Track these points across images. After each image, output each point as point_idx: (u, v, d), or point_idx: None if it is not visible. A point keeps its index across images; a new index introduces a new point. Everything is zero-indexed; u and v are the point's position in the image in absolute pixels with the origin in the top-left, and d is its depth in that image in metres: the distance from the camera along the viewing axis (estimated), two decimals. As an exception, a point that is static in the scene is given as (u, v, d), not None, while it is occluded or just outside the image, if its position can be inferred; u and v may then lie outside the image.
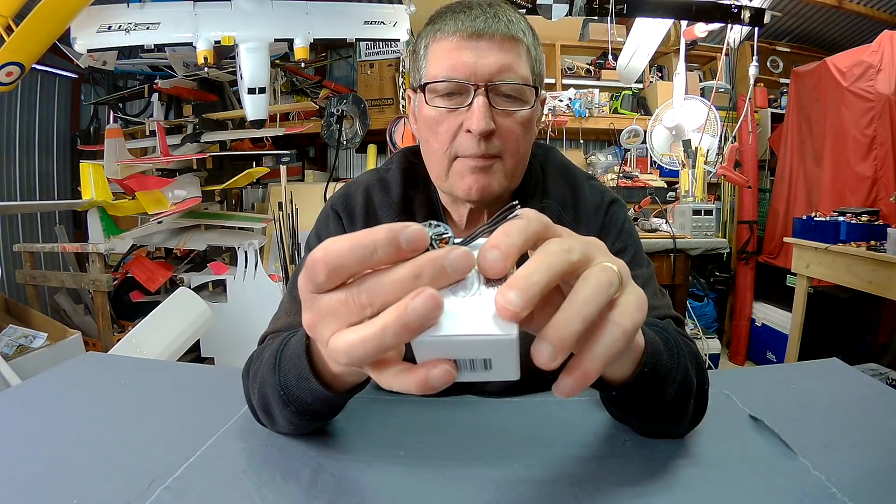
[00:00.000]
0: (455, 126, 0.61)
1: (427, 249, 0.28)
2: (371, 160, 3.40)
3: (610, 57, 2.73)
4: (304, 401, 0.47)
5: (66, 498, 0.44)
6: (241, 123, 2.89)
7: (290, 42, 2.39)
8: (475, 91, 0.59)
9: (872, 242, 2.05)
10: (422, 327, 0.26)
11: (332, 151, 3.12)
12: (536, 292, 0.26)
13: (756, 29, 2.35)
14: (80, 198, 2.39)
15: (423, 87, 0.62)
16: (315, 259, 0.28)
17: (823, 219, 2.33)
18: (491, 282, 0.28)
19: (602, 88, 3.34)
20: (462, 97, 0.60)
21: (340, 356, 0.29)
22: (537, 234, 0.29)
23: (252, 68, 2.26)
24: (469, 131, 0.59)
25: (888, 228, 2.01)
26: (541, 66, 0.65)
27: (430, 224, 0.30)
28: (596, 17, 2.57)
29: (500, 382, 0.68)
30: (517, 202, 0.32)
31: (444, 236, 0.29)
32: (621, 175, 3.00)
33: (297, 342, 0.47)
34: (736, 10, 2.22)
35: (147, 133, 3.15)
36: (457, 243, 0.29)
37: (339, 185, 2.79)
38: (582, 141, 3.27)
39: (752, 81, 2.48)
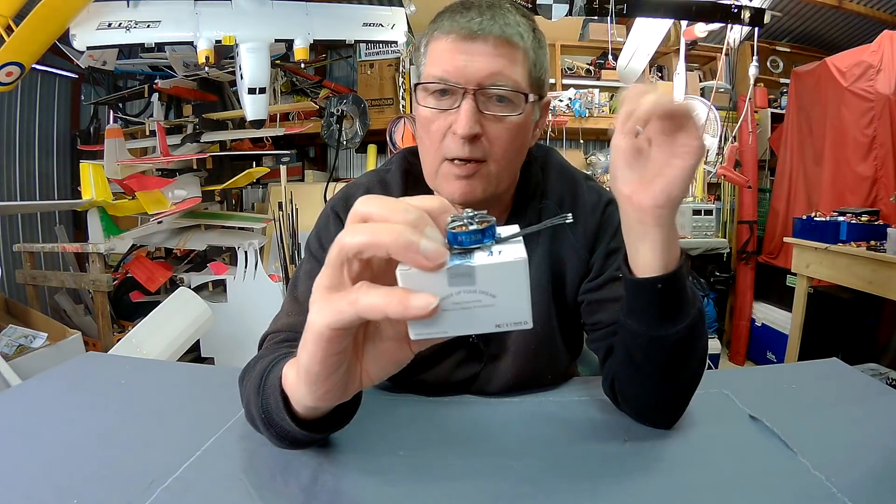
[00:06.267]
0: (444, 127, 0.61)
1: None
2: (371, 160, 3.39)
3: (610, 57, 2.72)
4: (283, 427, 0.46)
5: (66, 498, 0.44)
6: (241, 123, 2.88)
7: (290, 42, 2.39)
8: (463, 94, 0.59)
9: (872, 242, 2.05)
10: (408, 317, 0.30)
11: (332, 151, 3.12)
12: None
13: (756, 29, 2.35)
14: (80, 198, 2.39)
15: (416, 87, 0.63)
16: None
17: (823, 219, 2.33)
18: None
19: (602, 88, 3.33)
20: (452, 98, 0.60)
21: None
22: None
23: (252, 68, 2.26)
24: (455, 133, 0.60)
25: (888, 228, 2.01)
26: (541, 70, 0.64)
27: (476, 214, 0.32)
28: (596, 17, 2.57)
29: (498, 382, 0.68)
30: (570, 214, 0.35)
31: (487, 218, 0.31)
32: (621, 175, 2.99)
33: (277, 373, 0.45)
34: (736, 10, 2.21)
35: (147, 133, 3.15)
36: (500, 238, 0.32)
37: (339, 185, 2.79)
38: (582, 141, 3.26)
39: (752, 81, 2.48)
